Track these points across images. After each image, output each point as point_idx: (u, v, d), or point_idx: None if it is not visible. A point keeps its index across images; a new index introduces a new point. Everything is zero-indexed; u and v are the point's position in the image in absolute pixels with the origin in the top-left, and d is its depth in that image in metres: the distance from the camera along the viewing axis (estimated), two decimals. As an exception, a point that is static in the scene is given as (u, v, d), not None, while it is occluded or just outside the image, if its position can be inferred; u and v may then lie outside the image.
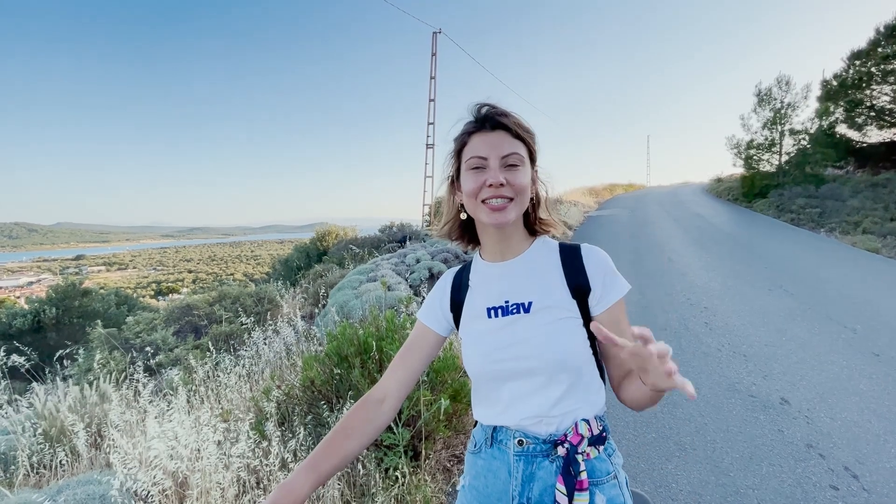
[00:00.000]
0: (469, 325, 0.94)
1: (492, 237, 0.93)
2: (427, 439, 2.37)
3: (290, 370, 3.47)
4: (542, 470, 0.84)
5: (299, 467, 0.81)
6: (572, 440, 0.83)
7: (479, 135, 0.86)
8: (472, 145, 0.87)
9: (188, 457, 1.96)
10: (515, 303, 0.89)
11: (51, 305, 9.63)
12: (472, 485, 0.92)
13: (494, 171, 0.83)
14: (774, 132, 15.88)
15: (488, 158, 0.84)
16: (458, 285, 0.99)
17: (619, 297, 0.87)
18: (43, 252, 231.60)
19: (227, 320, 5.90)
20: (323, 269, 9.73)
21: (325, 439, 0.86)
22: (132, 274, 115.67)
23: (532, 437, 0.85)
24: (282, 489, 0.77)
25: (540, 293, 0.88)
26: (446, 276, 1.04)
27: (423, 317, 1.01)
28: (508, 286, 0.91)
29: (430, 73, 20.17)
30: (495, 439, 0.90)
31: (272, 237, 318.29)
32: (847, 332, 4.28)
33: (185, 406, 2.65)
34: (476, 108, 0.88)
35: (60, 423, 2.92)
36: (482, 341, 0.90)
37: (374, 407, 0.92)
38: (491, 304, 0.91)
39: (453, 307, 0.98)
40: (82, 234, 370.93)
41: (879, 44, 14.32)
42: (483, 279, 0.95)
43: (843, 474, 2.31)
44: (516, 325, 0.87)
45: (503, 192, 0.83)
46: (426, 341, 0.99)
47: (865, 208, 11.51)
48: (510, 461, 0.86)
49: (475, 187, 0.85)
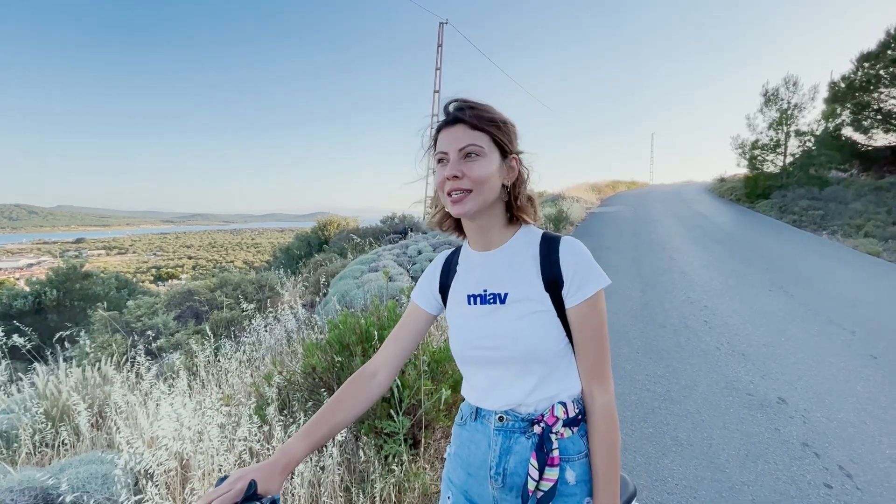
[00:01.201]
0: (453, 309, 0.99)
1: (468, 227, 0.97)
2: (427, 428, 2.39)
3: (290, 357, 3.49)
4: (519, 445, 0.90)
5: (296, 434, 0.88)
6: (548, 421, 0.88)
7: (444, 130, 0.89)
8: (438, 141, 0.90)
9: (191, 438, 1.98)
10: (493, 293, 0.92)
11: (51, 287, 9.65)
12: (457, 453, 1.00)
13: (451, 164, 0.86)
14: (780, 133, 15.81)
15: (448, 152, 0.87)
16: (448, 268, 1.04)
17: (593, 292, 0.87)
18: (43, 234, 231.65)
19: (228, 306, 5.91)
20: (324, 259, 9.74)
21: (321, 409, 0.92)
22: (132, 258, 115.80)
23: (512, 414, 0.92)
24: (280, 451, 0.84)
25: (515, 285, 0.91)
26: (438, 259, 1.09)
27: (415, 296, 1.06)
28: (487, 275, 0.94)
29: (436, 65, 20.03)
30: (479, 414, 0.96)
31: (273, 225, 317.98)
32: (846, 334, 4.30)
33: (186, 389, 2.67)
34: (445, 104, 0.91)
35: (62, 403, 2.94)
36: (462, 327, 0.95)
37: (366, 380, 0.98)
38: (470, 292, 0.95)
39: (441, 289, 1.03)
40: (83, 217, 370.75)
41: (889, 46, 14.20)
42: (467, 266, 1.00)
43: (837, 473, 2.34)
44: (492, 316, 0.91)
45: (460, 184, 0.85)
46: (417, 320, 1.04)
47: (868, 212, 11.50)
48: (490, 435, 0.93)
49: (440, 181, 0.88)
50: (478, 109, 0.88)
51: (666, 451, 2.56)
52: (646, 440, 2.68)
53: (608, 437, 0.87)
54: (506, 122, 0.90)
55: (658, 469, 2.41)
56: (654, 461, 2.48)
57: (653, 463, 2.47)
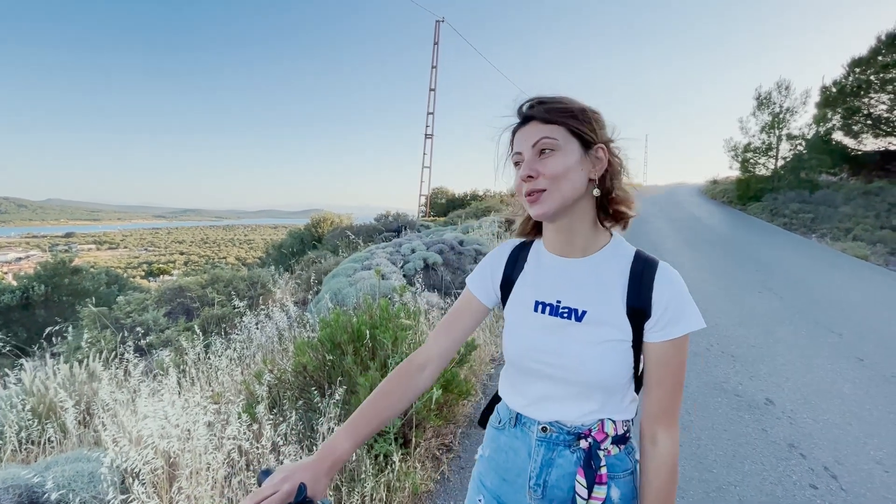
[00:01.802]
0: (514, 310, 0.91)
1: (551, 231, 0.89)
2: (418, 427, 2.39)
3: (281, 355, 3.47)
4: (562, 458, 0.85)
5: (339, 430, 0.82)
6: (596, 436, 0.83)
7: (518, 132, 0.83)
8: (515, 143, 0.84)
9: (179, 436, 1.96)
10: (567, 307, 0.83)
11: (40, 282, 9.52)
12: (492, 457, 0.94)
13: (526, 163, 0.80)
14: (772, 136, 15.98)
15: (522, 152, 0.82)
16: (515, 261, 0.95)
17: (683, 332, 0.78)
18: (32, 228, 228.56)
19: (219, 303, 5.87)
20: (317, 256, 9.70)
21: (365, 402, 0.86)
22: (123, 253, 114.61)
23: (557, 426, 0.86)
24: (325, 449, 0.78)
25: (596, 304, 0.82)
26: (503, 247, 0.99)
27: (472, 284, 0.98)
28: (564, 285, 0.85)
29: (432, 63, 19.99)
30: (520, 420, 0.90)
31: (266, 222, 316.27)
32: (833, 337, 4.36)
33: (175, 387, 2.65)
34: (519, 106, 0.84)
35: (49, 399, 2.90)
36: (524, 335, 0.87)
37: (415, 372, 0.92)
38: (541, 299, 0.87)
39: (504, 283, 0.94)
40: (73, 211, 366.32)
41: (880, 52, 14.39)
42: (539, 267, 0.91)
43: (822, 474, 2.37)
44: (563, 332, 0.83)
45: (536, 184, 0.79)
46: (471, 310, 0.96)
47: (857, 215, 11.65)
48: (532, 444, 0.87)
49: (517, 184, 0.83)
50: (549, 103, 0.80)
51: (655, 452, 2.58)
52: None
53: (666, 487, 0.79)
54: (584, 109, 0.80)
55: (647, 469, 2.43)
56: (643, 461, 2.50)
57: (642, 463, 2.48)
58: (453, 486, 2.27)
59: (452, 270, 6.48)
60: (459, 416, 2.84)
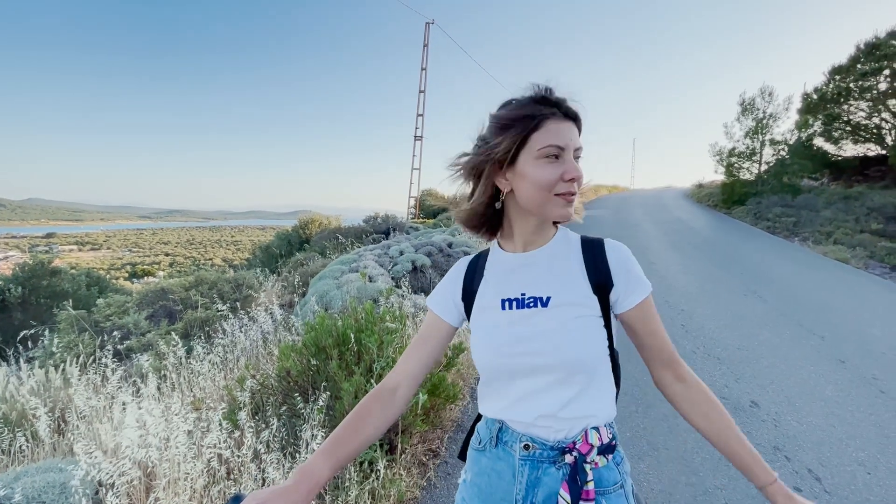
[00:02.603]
0: (481, 316, 0.90)
1: (528, 227, 0.88)
2: (403, 433, 2.35)
3: (266, 359, 3.41)
4: (548, 476, 0.81)
5: (317, 452, 0.78)
6: (581, 449, 0.80)
7: (555, 121, 0.78)
8: (546, 131, 0.78)
9: (157, 445, 1.90)
10: (532, 296, 0.85)
11: (16, 284, 9.25)
12: (475, 481, 0.90)
13: (572, 164, 0.79)
14: (755, 141, 16.25)
15: (566, 149, 0.79)
16: (472, 274, 0.95)
17: (644, 296, 0.84)
18: (11, 228, 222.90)
19: (203, 306, 5.76)
20: (304, 258, 9.60)
21: (341, 425, 0.84)
22: (106, 255, 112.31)
23: (539, 442, 0.82)
24: (301, 473, 0.73)
25: (559, 287, 0.84)
26: (460, 264, 0.99)
27: (434, 306, 0.97)
28: (527, 278, 0.87)
29: (421, 65, 19.98)
30: (500, 440, 0.86)
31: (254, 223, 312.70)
32: (815, 339, 4.42)
33: (154, 393, 2.57)
34: (545, 88, 0.80)
35: (21, 406, 2.80)
36: (494, 334, 0.86)
37: (387, 395, 0.90)
38: (506, 296, 0.87)
39: (465, 296, 0.94)
40: (54, 211, 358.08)
41: (859, 60, 14.75)
42: (500, 269, 0.91)
43: (806, 476, 2.39)
44: (532, 320, 0.83)
45: (574, 187, 0.80)
46: (437, 331, 0.95)
47: (838, 219, 11.90)
48: (515, 464, 0.83)
49: (552, 179, 0.78)
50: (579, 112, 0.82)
51: (642, 456, 2.58)
52: (624, 444, 2.68)
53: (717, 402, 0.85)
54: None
55: (634, 473, 2.43)
56: (631, 465, 2.48)
57: (630, 467, 2.48)
58: (440, 492, 2.24)
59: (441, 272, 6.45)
60: (446, 420, 2.81)
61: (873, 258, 8.99)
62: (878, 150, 15.30)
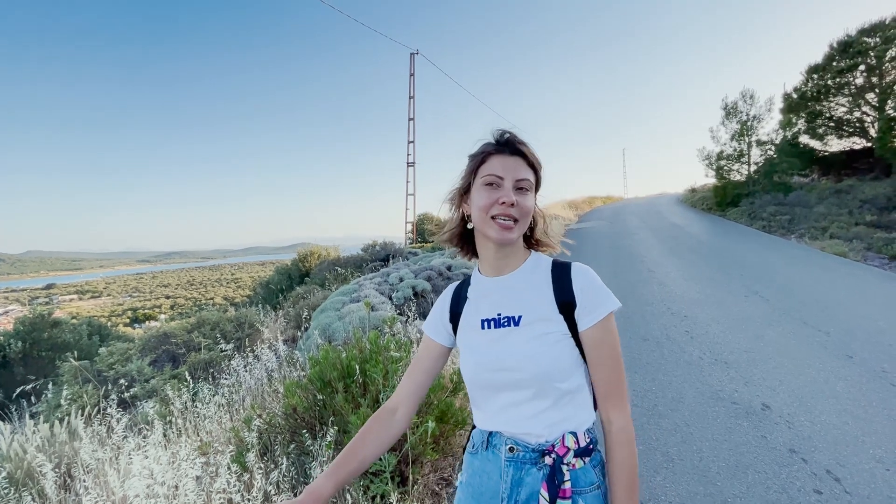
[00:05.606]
0: (465, 335, 1.01)
1: (491, 252, 0.99)
2: (414, 463, 2.32)
3: (272, 397, 3.38)
4: (530, 476, 0.90)
5: (322, 473, 0.90)
6: (559, 451, 0.88)
7: (499, 156, 0.93)
8: (490, 164, 0.93)
9: (165, 494, 1.87)
10: (507, 316, 0.95)
11: (17, 339, 9.20)
12: (469, 482, 1.00)
13: (508, 191, 0.90)
14: (742, 143, 16.51)
15: (504, 178, 0.91)
16: (458, 298, 1.06)
17: (604, 314, 0.91)
18: (11, 282, 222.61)
19: (206, 347, 5.73)
20: (305, 291, 9.59)
21: (346, 447, 0.95)
22: (106, 301, 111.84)
23: (522, 445, 0.92)
24: (307, 493, 0.85)
25: (529, 307, 0.93)
26: (448, 290, 1.11)
27: (427, 329, 1.09)
28: (502, 300, 0.97)
29: (409, 93, 20.43)
30: (490, 443, 0.96)
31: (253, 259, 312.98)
32: (821, 336, 4.41)
33: (161, 441, 2.55)
34: (499, 132, 0.96)
35: (27, 464, 2.76)
36: (476, 352, 0.96)
37: (387, 416, 1.01)
38: (484, 317, 0.97)
39: (452, 318, 1.05)
40: (53, 262, 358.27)
41: (834, 58, 15.14)
42: (479, 292, 1.02)
43: (825, 478, 2.35)
44: (506, 339, 0.93)
45: (511, 212, 0.90)
46: (431, 353, 1.06)
47: (831, 214, 11.98)
48: (501, 465, 0.93)
49: (488, 203, 0.91)
50: (530, 149, 0.95)
51: (658, 468, 2.54)
52: (638, 458, 2.66)
53: (628, 461, 0.88)
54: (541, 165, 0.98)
55: (651, 487, 2.39)
56: (647, 479, 2.46)
57: (645, 481, 2.44)
58: (455, 522, 2.20)
59: (442, 296, 6.46)
60: (457, 447, 2.77)
61: (871, 250, 9.01)
62: (863, 142, 15.52)
